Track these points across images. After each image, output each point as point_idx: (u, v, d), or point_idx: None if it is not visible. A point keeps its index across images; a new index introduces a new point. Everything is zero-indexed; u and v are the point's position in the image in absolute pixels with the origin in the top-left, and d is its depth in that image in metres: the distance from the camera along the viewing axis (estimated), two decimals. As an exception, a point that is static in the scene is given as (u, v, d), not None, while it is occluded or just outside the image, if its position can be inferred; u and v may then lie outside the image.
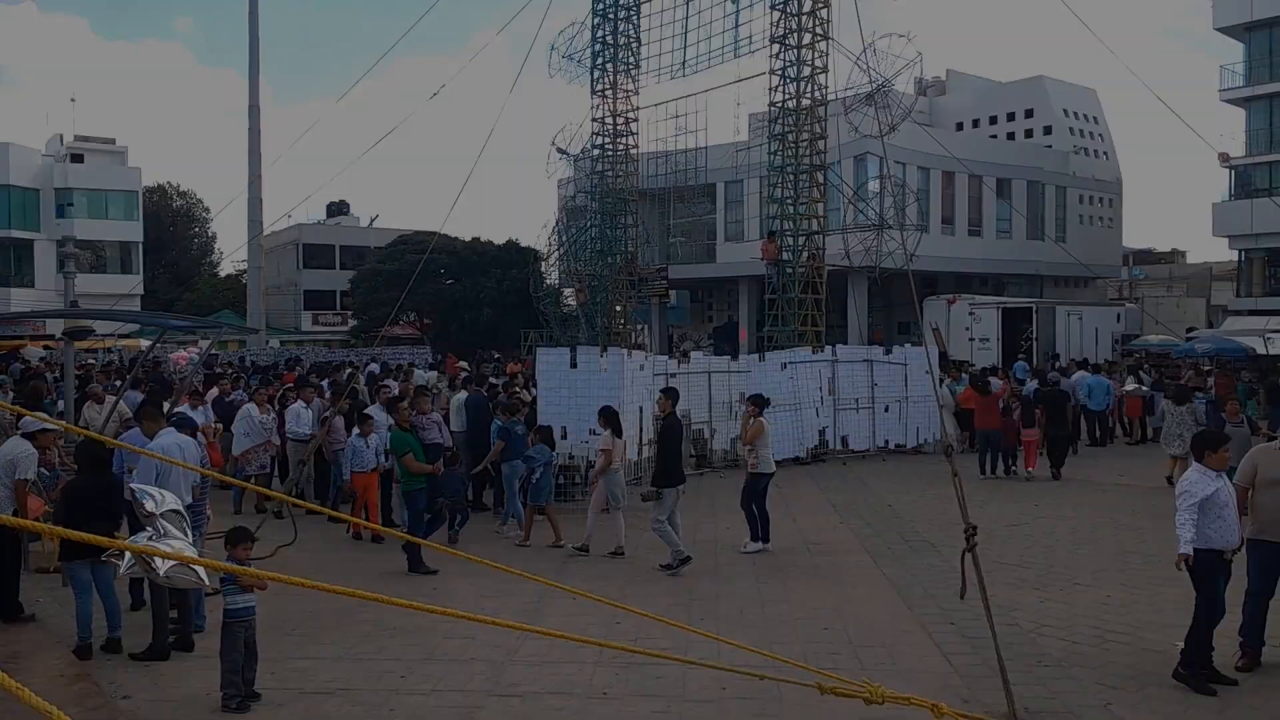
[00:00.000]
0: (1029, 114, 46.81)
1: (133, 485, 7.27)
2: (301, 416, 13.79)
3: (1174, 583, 9.47)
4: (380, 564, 10.68)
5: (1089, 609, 8.70)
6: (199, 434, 9.39)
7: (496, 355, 37.26)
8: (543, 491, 11.78)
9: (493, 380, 18.36)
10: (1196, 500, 6.75)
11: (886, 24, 75.05)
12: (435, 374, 24.45)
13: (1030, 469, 16.50)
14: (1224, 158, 39.17)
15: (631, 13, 28.13)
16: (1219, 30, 39.63)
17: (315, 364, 29.05)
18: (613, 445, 11.10)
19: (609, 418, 11.24)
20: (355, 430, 12.07)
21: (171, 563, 6.31)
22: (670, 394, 11.13)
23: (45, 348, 37.16)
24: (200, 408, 13.77)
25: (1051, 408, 16.73)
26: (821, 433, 18.43)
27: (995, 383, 18.02)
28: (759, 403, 11.77)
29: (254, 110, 42.59)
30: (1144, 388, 21.47)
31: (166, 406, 11.16)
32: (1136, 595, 9.12)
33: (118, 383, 19.67)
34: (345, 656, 7.62)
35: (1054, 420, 16.67)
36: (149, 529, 6.78)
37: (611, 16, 28.07)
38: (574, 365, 14.60)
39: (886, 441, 19.20)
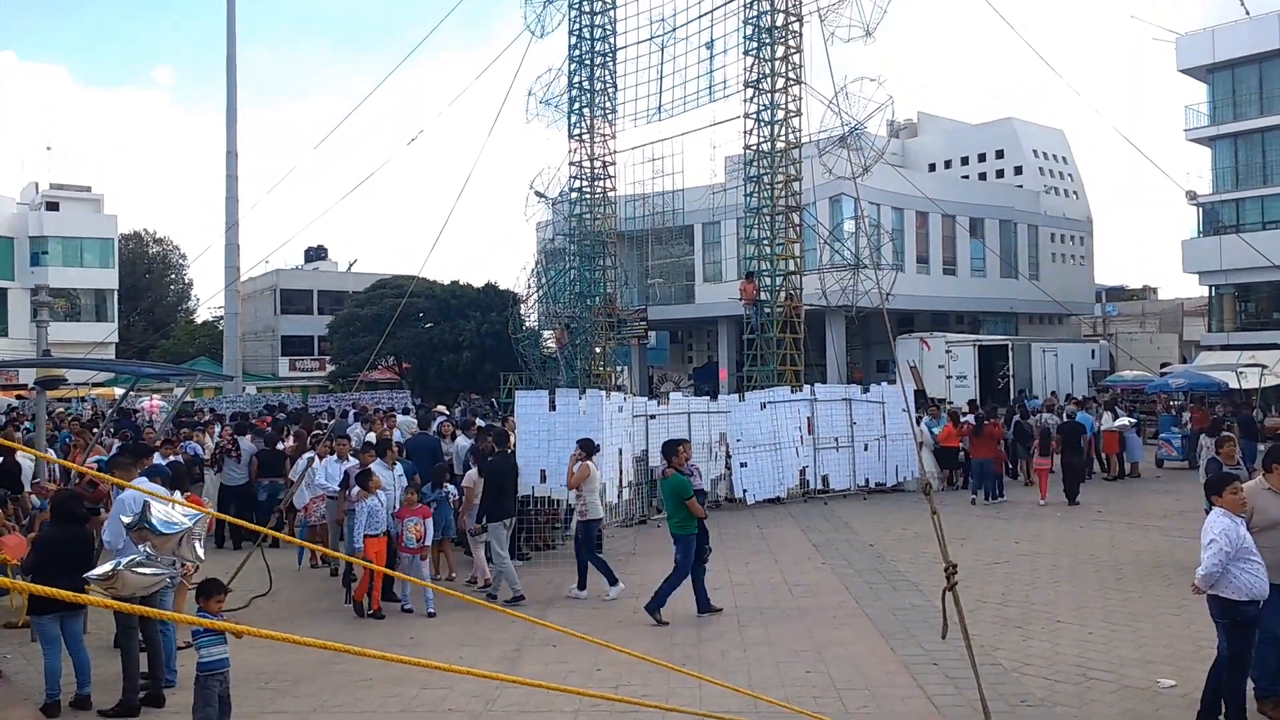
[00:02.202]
0: (999, 155, 47.58)
1: (90, 576, 7.17)
2: (332, 471, 12.72)
3: (1155, 620, 9.50)
4: (355, 615, 10.51)
5: (1071, 647, 8.68)
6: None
7: (475, 396, 37.09)
8: (438, 527, 11.94)
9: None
10: (1229, 549, 6.48)
11: (858, 68, 76.48)
12: (414, 419, 24.22)
13: (1043, 498, 17.68)
14: (1192, 195, 39.87)
15: (608, 59, 28.48)
16: (1182, 72, 40.58)
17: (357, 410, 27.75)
18: (475, 483, 11.42)
19: (478, 456, 11.77)
20: (355, 488, 11.08)
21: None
22: (494, 433, 11.78)
23: (18, 397, 36.80)
24: (172, 456, 13.53)
25: (1068, 438, 18.27)
26: (802, 472, 18.44)
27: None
28: (587, 447, 11.64)
29: (231, 156, 42.55)
30: (1125, 422, 21.66)
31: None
32: (1118, 632, 9.11)
33: (95, 429, 19.46)
34: (320, 709, 7.48)
35: (1070, 449, 18.12)
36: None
37: (588, 63, 28.41)
38: (553, 408, 14.53)
39: (866, 480, 19.22)
